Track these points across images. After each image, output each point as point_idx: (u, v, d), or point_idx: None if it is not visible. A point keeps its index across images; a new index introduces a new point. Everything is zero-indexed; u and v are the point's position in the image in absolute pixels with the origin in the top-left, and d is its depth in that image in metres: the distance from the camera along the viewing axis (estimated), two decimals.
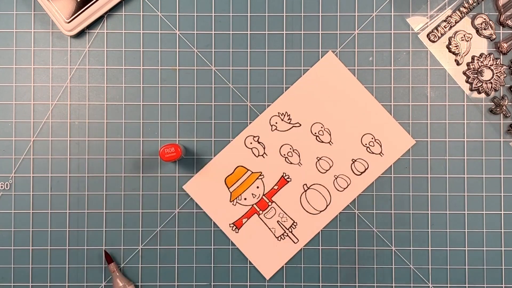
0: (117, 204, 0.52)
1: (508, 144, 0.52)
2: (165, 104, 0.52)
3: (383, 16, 0.52)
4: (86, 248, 0.52)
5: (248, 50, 0.52)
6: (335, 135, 0.52)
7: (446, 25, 0.52)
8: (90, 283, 0.52)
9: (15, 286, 0.52)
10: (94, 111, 0.52)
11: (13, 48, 0.52)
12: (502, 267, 0.52)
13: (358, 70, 0.52)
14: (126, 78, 0.52)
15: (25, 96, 0.52)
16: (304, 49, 0.52)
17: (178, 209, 0.52)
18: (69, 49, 0.52)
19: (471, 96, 0.52)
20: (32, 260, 0.52)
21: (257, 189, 0.52)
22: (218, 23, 0.52)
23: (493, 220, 0.52)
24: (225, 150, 0.52)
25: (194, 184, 0.52)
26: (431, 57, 0.52)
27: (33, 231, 0.52)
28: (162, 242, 0.52)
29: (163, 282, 0.52)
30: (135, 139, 0.52)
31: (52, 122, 0.52)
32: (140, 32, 0.52)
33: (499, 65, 0.52)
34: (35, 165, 0.52)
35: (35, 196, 0.52)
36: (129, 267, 0.52)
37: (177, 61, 0.52)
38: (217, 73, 0.52)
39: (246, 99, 0.52)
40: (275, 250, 0.52)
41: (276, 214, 0.52)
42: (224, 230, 0.52)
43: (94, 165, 0.52)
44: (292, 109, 0.52)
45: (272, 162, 0.52)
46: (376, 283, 0.52)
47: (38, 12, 0.52)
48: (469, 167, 0.52)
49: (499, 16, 0.52)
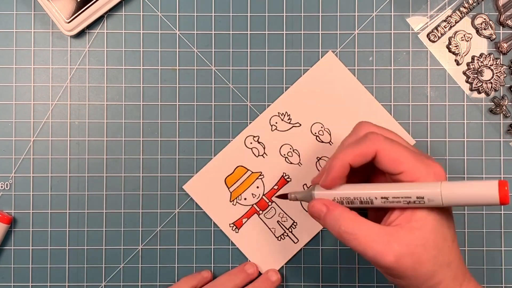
0: (117, 204, 0.52)
1: (508, 144, 0.52)
2: (165, 104, 0.52)
3: (383, 16, 0.52)
4: (86, 248, 0.52)
5: (248, 50, 0.52)
6: (335, 135, 0.52)
7: (446, 25, 0.52)
8: (90, 283, 0.52)
9: (15, 286, 0.52)
10: (94, 111, 0.52)
11: (13, 48, 0.52)
12: (502, 267, 0.52)
13: (358, 70, 0.52)
14: (126, 78, 0.52)
15: (25, 96, 0.52)
16: (304, 49, 0.52)
17: (178, 209, 0.52)
18: (69, 49, 0.52)
19: (471, 96, 0.52)
20: (32, 260, 0.52)
21: (257, 189, 0.52)
22: (218, 23, 0.52)
23: (493, 220, 0.52)
24: (225, 150, 0.52)
25: (194, 184, 0.52)
26: (431, 57, 0.53)
27: (33, 231, 0.52)
28: (162, 242, 0.52)
29: (163, 282, 0.52)
30: (135, 139, 0.52)
31: (52, 122, 0.52)
32: (140, 32, 0.52)
33: (499, 65, 0.52)
34: (35, 165, 0.52)
35: (35, 196, 0.52)
36: (129, 267, 0.52)
37: (177, 61, 0.52)
38: (217, 73, 0.52)
39: (246, 99, 0.52)
40: (275, 250, 0.52)
41: (276, 214, 0.52)
42: (224, 230, 0.52)
43: (94, 165, 0.52)
44: (292, 109, 0.52)
45: (272, 162, 0.52)
46: (376, 283, 0.52)
47: (38, 12, 0.52)
48: (469, 167, 0.52)
49: (499, 16, 0.52)
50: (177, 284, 0.50)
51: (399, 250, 0.36)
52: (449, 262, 0.38)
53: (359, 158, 0.38)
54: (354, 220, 0.38)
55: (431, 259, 0.37)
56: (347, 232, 0.37)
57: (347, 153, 0.38)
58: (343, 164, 0.38)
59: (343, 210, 0.38)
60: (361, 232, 0.37)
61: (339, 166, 0.38)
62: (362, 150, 0.38)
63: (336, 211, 0.38)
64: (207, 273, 0.51)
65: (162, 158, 0.52)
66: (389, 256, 0.36)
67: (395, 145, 0.38)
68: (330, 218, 0.39)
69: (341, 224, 0.38)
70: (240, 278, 0.50)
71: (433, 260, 0.37)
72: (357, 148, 0.38)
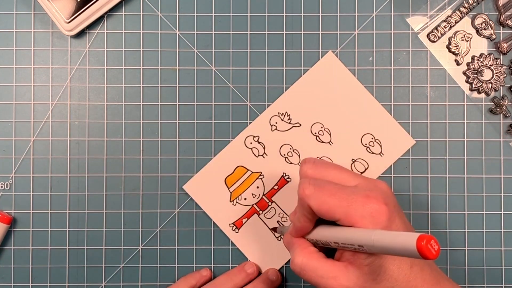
0: (117, 204, 0.52)
1: (508, 144, 0.52)
2: (165, 104, 0.52)
3: (383, 16, 0.52)
4: (86, 248, 0.52)
5: (248, 50, 0.52)
6: (335, 135, 0.52)
7: (446, 25, 0.52)
8: (90, 283, 0.52)
9: (15, 286, 0.52)
10: (94, 111, 0.52)
11: (13, 48, 0.52)
12: (502, 267, 0.52)
13: (358, 70, 0.52)
14: (126, 78, 0.52)
15: (25, 96, 0.52)
16: (304, 49, 0.52)
17: (178, 209, 0.52)
18: (69, 49, 0.52)
19: (471, 96, 0.52)
20: (32, 260, 0.52)
21: (257, 189, 0.52)
22: (218, 23, 0.52)
23: (493, 220, 0.52)
24: (225, 150, 0.52)
25: (194, 184, 0.52)
26: (431, 57, 0.53)
27: (33, 231, 0.52)
28: (162, 242, 0.52)
29: (163, 282, 0.52)
30: (135, 139, 0.52)
31: (52, 122, 0.52)
32: (140, 32, 0.52)
33: (499, 65, 0.52)
34: (35, 165, 0.52)
35: (35, 196, 0.52)
36: (129, 267, 0.52)
37: (177, 61, 0.52)
38: (217, 73, 0.52)
39: (246, 99, 0.52)
40: (275, 250, 0.52)
41: (276, 214, 0.52)
42: (224, 230, 0.52)
43: (94, 165, 0.52)
44: (292, 109, 0.52)
45: (272, 162, 0.52)
46: None
47: (38, 12, 0.52)
48: (469, 167, 0.52)
49: (499, 16, 0.52)
50: (175, 284, 0.50)
51: (347, 285, 0.37)
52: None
53: (306, 227, 0.40)
54: (307, 256, 0.39)
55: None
56: (299, 267, 0.39)
57: (297, 223, 0.41)
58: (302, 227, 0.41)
59: (300, 246, 0.41)
60: (309, 267, 0.39)
61: (299, 228, 0.41)
62: (302, 224, 0.40)
63: (294, 245, 0.41)
64: (206, 271, 0.51)
65: (162, 158, 0.52)
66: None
67: (324, 192, 0.38)
68: (291, 253, 0.41)
69: (296, 259, 0.40)
70: (240, 278, 0.50)
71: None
72: (298, 222, 0.41)
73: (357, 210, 0.37)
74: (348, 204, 0.37)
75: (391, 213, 0.37)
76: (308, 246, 0.40)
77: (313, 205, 0.38)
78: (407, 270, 0.38)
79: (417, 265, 0.38)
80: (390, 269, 0.37)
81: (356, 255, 0.37)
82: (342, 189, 0.38)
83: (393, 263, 0.37)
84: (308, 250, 0.40)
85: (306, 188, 0.38)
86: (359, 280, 0.37)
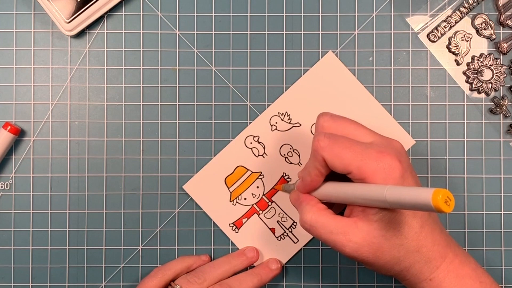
0: (117, 204, 0.52)
1: (508, 144, 0.52)
2: (165, 104, 0.52)
3: (383, 16, 0.52)
4: (86, 248, 0.52)
5: (248, 50, 0.52)
6: None
7: (446, 25, 0.52)
8: (90, 283, 0.52)
9: (15, 286, 0.52)
10: (94, 111, 0.52)
11: (13, 48, 0.52)
12: (502, 267, 0.52)
13: (358, 70, 0.52)
14: (126, 78, 0.52)
15: (25, 96, 0.52)
16: (304, 49, 0.52)
17: (178, 209, 0.52)
18: (69, 49, 0.52)
19: (471, 96, 0.52)
20: (32, 260, 0.52)
21: (257, 189, 0.52)
22: (218, 23, 0.52)
23: (493, 220, 0.52)
24: (225, 150, 0.52)
25: (194, 184, 0.52)
26: (431, 57, 0.53)
27: (33, 231, 0.52)
28: (162, 242, 0.52)
29: None
30: (135, 139, 0.52)
31: (52, 122, 0.52)
32: (140, 32, 0.52)
33: (499, 65, 0.52)
34: (35, 165, 0.52)
35: (35, 196, 0.52)
36: (129, 267, 0.52)
37: (177, 61, 0.52)
38: (217, 73, 0.52)
39: (246, 99, 0.52)
40: (275, 250, 0.52)
41: (276, 214, 0.52)
42: (224, 230, 0.52)
43: (94, 165, 0.52)
44: (292, 109, 0.52)
45: (272, 162, 0.52)
46: (376, 283, 0.52)
47: (38, 12, 0.52)
48: (469, 167, 0.52)
49: (499, 16, 0.52)
50: (173, 261, 0.50)
51: (356, 241, 0.37)
52: (418, 248, 0.38)
53: (316, 181, 0.40)
54: (316, 213, 0.39)
55: (395, 247, 0.38)
56: (309, 224, 0.39)
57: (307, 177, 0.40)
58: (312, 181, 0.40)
59: (309, 203, 0.40)
60: (319, 224, 0.38)
61: (309, 182, 0.41)
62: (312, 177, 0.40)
63: (303, 203, 0.41)
64: (205, 257, 0.51)
65: (162, 158, 0.52)
66: (347, 248, 0.37)
67: (339, 145, 0.38)
68: (300, 210, 0.41)
69: (305, 216, 0.39)
70: (239, 261, 0.50)
71: (397, 248, 0.38)
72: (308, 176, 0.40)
73: (371, 164, 0.37)
74: (362, 158, 0.37)
75: (404, 170, 0.37)
76: (317, 203, 0.40)
77: (326, 156, 0.38)
78: (417, 229, 0.38)
79: (428, 226, 0.39)
80: (400, 226, 0.37)
81: (366, 211, 0.37)
82: (357, 143, 0.39)
83: (404, 220, 0.38)
84: (317, 206, 0.40)
85: (321, 140, 0.38)
86: (368, 236, 0.37)
